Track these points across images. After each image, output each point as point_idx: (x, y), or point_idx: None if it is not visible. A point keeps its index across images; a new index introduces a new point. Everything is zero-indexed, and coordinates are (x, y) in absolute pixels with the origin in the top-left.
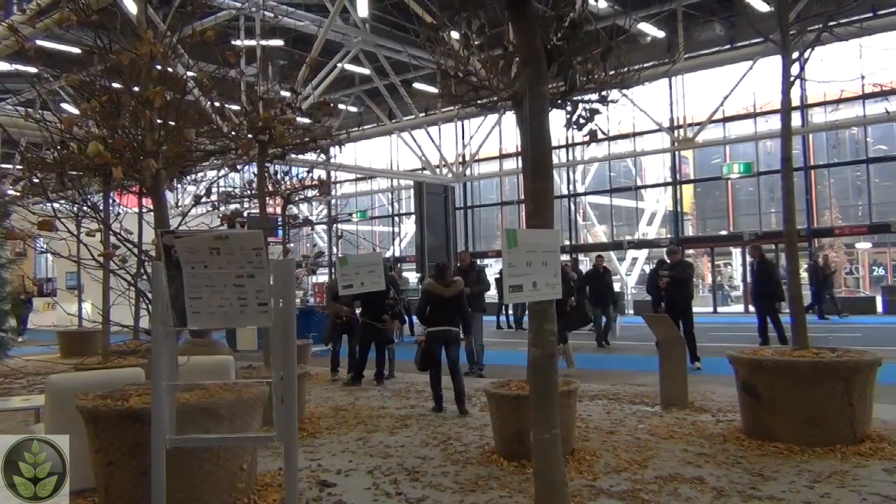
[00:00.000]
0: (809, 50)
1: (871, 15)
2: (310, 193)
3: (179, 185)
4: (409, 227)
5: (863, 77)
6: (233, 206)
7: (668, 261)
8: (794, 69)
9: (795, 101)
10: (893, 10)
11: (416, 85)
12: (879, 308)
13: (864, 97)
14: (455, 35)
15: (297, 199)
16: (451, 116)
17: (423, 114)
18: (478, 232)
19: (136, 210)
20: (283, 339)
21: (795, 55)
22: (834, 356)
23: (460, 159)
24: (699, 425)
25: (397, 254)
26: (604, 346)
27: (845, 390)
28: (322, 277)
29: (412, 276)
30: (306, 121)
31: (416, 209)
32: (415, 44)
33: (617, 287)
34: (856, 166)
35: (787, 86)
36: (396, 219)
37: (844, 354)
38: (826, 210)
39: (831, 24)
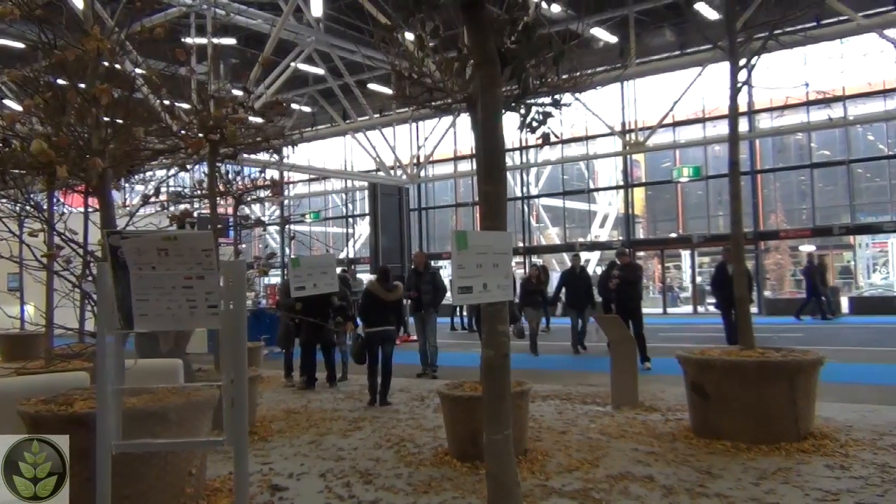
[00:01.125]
0: (756, 57)
1: (814, 24)
2: (262, 194)
3: (127, 185)
4: (363, 228)
5: (807, 84)
6: (182, 207)
7: (618, 262)
8: (742, 75)
9: (742, 107)
10: (836, 20)
11: (371, 86)
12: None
13: (809, 104)
14: (410, 36)
15: (249, 199)
16: (406, 118)
17: (378, 115)
18: (432, 233)
19: (82, 210)
20: (233, 342)
21: (742, 62)
22: (779, 356)
23: (415, 161)
24: (649, 424)
25: (351, 255)
26: (580, 352)
27: (790, 389)
28: (275, 279)
29: (366, 278)
30: (259, 120)
31: (370, 210)
32: (369, 44)
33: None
34: (800, 171)
35: (734, 92)
36: (350, 220)
37: (789, 354)
38: (772, 213)
39: (777, 32)
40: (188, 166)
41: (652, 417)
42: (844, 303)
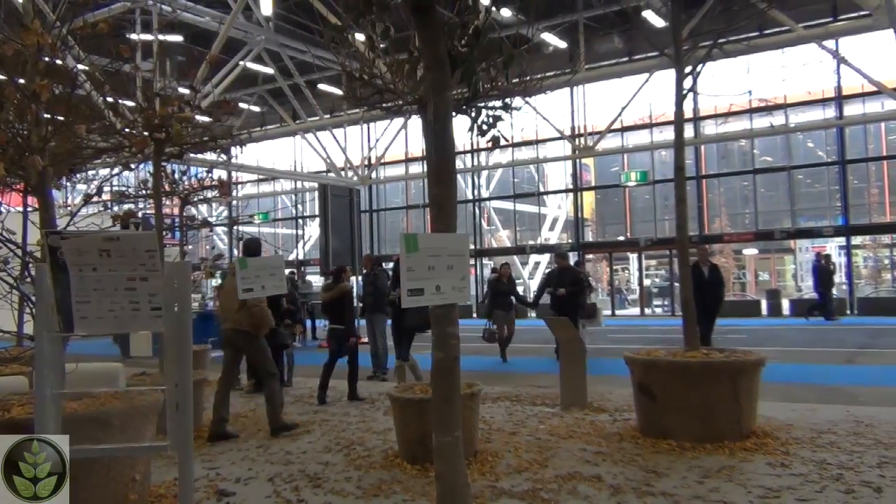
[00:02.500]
0: (701, 65)
1: (757, 34)
2: (209, 194)
3: (68, 184)
4: (313, 229)
5: (750, 92)
6: (126, 207)
7: (556, 265)
8: (687, 83)
9: (688, 114)
10: (778, 30)
11: (321, 86)
12: (764, 311)
13: (752, 111)
14: (360, 37)
15: (195, 199)
16: (357, 119)
17: (328, 115)
18: (384, 235)
19: (21, 209)
20: (178, 345)
21: (688, 69)
22: (722, 357)
23: (366, 162)
24: (597, 425)
25: (301, 256)
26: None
27: (732, 389)
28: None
29: (316, 280)
30: (206, 119)
31: (320, 212)
32: (319, 44)
33: (520, 290)
34: (743, 176)
35: (679, 98)
36: (300, 221)
37: (732, 355)
38: (716, 217)
39: (721, 41)
40: (132, 165)
41: (600, 418)
42: (785, 305)
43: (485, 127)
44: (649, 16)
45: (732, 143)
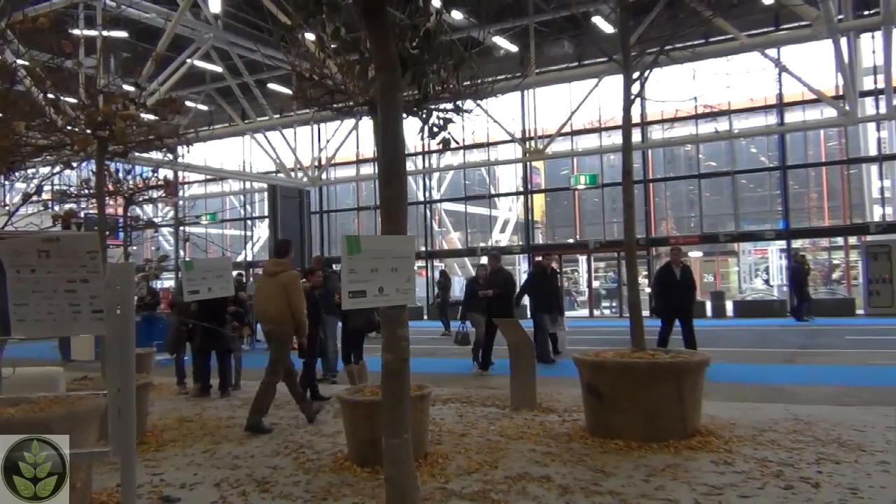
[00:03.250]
0: (648, 71)
1: (703, 41)
2: (155, 194)
3: (6, 182)
4: (262, 230)
5: (695, 99)
6: (67, 206)
7: (487, 266)
8: (635, 88)
9: (636, 119)
10: (722, 38)
11: (271, 85)
12: (709, 312)
13: (697, 117)
14: (311, 37)
15: (140, 199)
16: (307, 119)
17: (278, 115)
18: (334, 237)
19: None
20: (120, 348)
21: (636, 75)
22: (668, 357)
23: (316, 163)
24: (547, 425)
25: (249, 258)
26: (553, 361)
27: (678, 389)
28: (168, 282)
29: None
30: (151, 117)
31: (269, 213)
32: (269, 43)
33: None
34: (689, 181)
35: (627, 103)
36: (249, 222)
37: (677, 356)
38: (663, 221)
39: (668, 47)
40: (74, 164)
41: (549, 419)
42: (729, 307)
43: (435, 129)
44: (599, 22)
45: (678, 148)
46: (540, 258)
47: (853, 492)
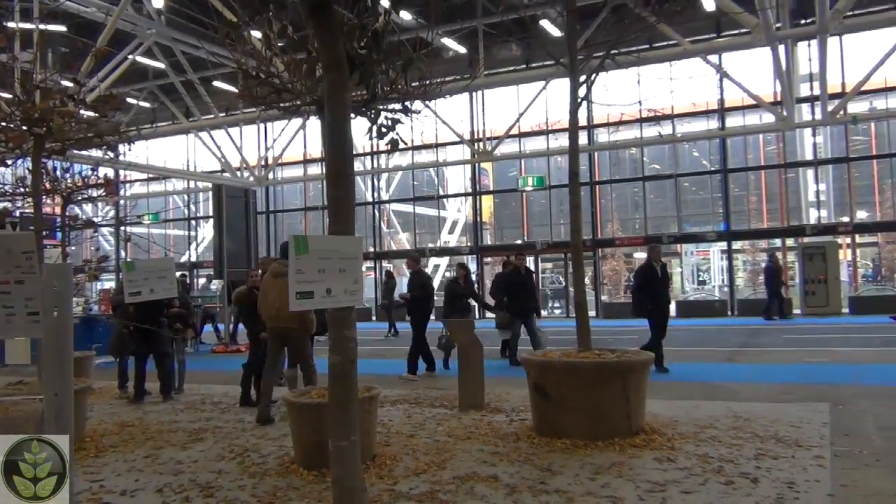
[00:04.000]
0: (594, 74)
1: (647, 47)
2: (94, 193)
3: None
4: (207, 231)
5: (640, 103)
6: (2, 205)
7: (407, 268)
8: (582, 91)
9: (582, 122)
10: (666, 43)
11: (216, 83)
12: None
13: (641, 121)
14: (257, 35)
15: (79, 198)
16: (253, 118)
17: (223, 114)
18: (281, 237)
19: None
20: (58, 351)
21: (582, 78)
22: (614, 357)
23: (263, 162)
24: (494, 425)
25: (194, 258)
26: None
27: (623, 388)
28: (108, 283)
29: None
30: (91, 114)
31: (214, 213)
32: (214, 40)
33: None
34: (634, 183)
35: (574, 106)
36: (193, 222)
37: (623, 355)
38: (608, 222)
39: (613, 52)
40: (9, 161)
41: (497, 419)
42: (672, 307)
43: (384, 129)
44: (546, 25)
45: (623, 150)
46: (513, 258)
47: (790, 486)
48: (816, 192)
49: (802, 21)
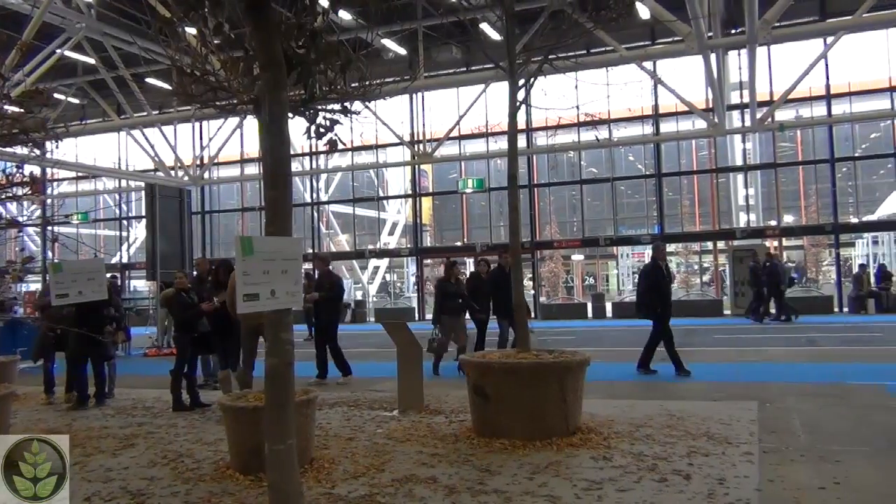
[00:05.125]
0: (533, 79)
1: (585, 52)
2: (19, 191)
3: None
4: (139, 231)
5: (578, 107)
6: None
7: (315, 269)
8: (521, 95)
9: (521, 125)
10: (603, 49)
11: (150, 80)
12: (590, 313)
13: (579, 125)
14: (192, 31)
15: (2, 197)
16: (188, 116)
17: (157, 111)
18: (217, 238)
19: None
20: None
21: (521, 82)
22: (551, 357)
23: (198, 162)
24: (434, 427)
25: (125, 260)
26: None
27: (560, 388)
28: (34, 285)
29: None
30: (16, 110)
31: (147, 213)
32: (147, 36)
33: (359, 295)
34: (571, 186)
35: (513, 110)
36: (125, 222)
37: (560, 356)
38: (547, 225)
39: (552, 57)
40: None
41: (436, 420)
42: (609, 308)
43: (322, 130)
44: (486, 29)
45: (562, 154)
46: (497, 256)
47: (720, 482)
48: (746, 196)
49: (733, 31)
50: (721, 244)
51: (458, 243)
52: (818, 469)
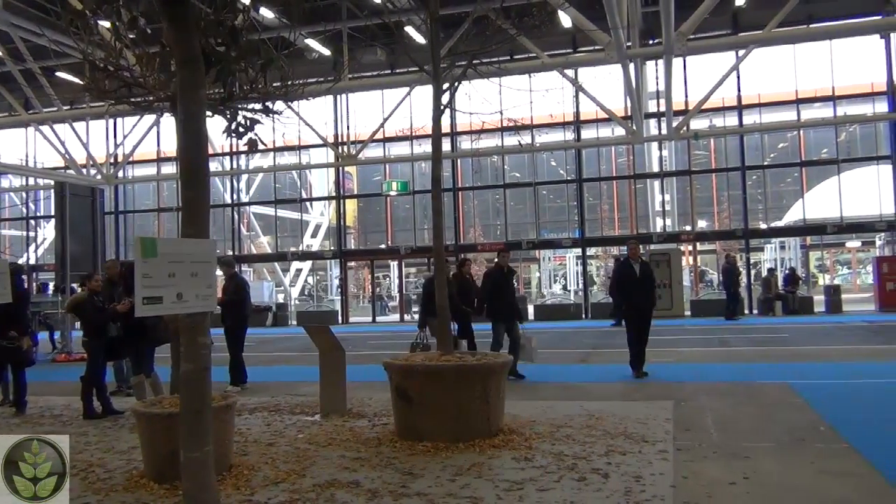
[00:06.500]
0: (457, 83)
1: (508, 58)
2: None
3: None
4: (49, 231)
5: (501, 112)
6: None
7: (222, 274)
8: (445, 99)
9: (446, 129)
10: (526, 56)
11: (60, 74)
12: None
13: (502, 130)
14: (106, 24)
15: None
16: (101, 112)
17: (68, 107)
18: (131, 240)
19: None
20: None
21: (446, 86)
22: (474, 360)
23: (111, 160)
24: (356, 431)
25: (33, 261)
26: (523, 377)
27: (483, 390)
28: None
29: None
30: None
31: (56, 212)
32: (58, 28)
33: (281, 298)
34: (495, 190)
35: (437, 113)
36: (32, 222)
37: (483, 358)
38: (471, 228)
39: (476, 61)
40: None
41: (359, 424)
42: (530, 310)
43: (241, 129)
44: (411, 32)
45: (485, 158)
46: (497, 255)
47: (637, 479)
48: (662, 202)
49: (651, 42)
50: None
51: (383, 246)
52: (729, 465)
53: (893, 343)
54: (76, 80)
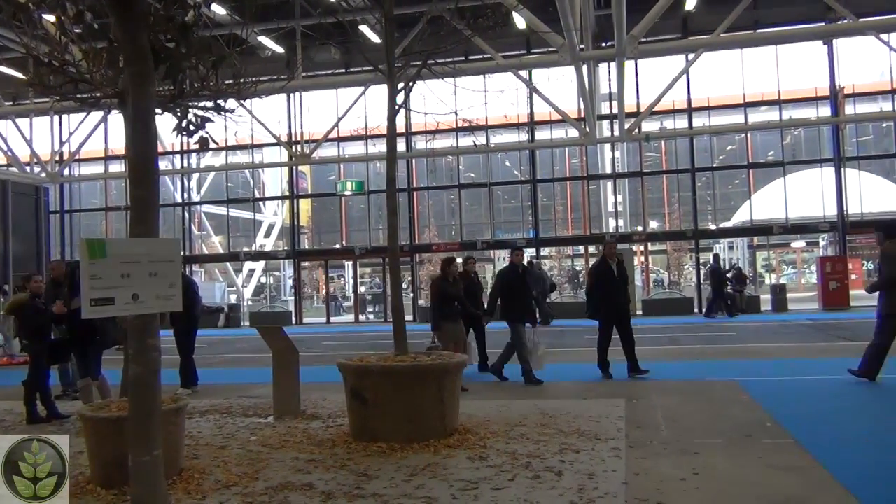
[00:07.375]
0: (412, 83)
1: (463, 59)
2: None
3: None
4: None
5: (456, 113)
6: None
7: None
8: (400, 98)
9: (400, 128)
10: (481, 56)
11: (2, 69)
12: None
13: (457, 130)
14: (50, 18)
15: None
16: (46, 108)
17: (10, 102)
18: (78, 239)
19: None
20: None
21: (401, 86)
22: (429, 360)
23: (57, 157)
24: (310, 432)
25: None
26: (541, 382)
27: (438, 390)
28: None
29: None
30: None
31: None
32: (0, 21)
33: (233, 299)
34: (450, 190)
35: (392, 113)
36: None
37: (437, 358)
38: (426, 228)
39: (430, 61)
40: None
41: (313, 425)
42: None
43: (192, 127)
44: (366, 31)
45: (440, 158)
46: (511, 254)
47: (590, 477)
48: (615, 202)
49: (603, 44)
50: (592, 248)
51: (337, 246)
52: (679, 461)
53: (836, 341)
54: (19, 75)
